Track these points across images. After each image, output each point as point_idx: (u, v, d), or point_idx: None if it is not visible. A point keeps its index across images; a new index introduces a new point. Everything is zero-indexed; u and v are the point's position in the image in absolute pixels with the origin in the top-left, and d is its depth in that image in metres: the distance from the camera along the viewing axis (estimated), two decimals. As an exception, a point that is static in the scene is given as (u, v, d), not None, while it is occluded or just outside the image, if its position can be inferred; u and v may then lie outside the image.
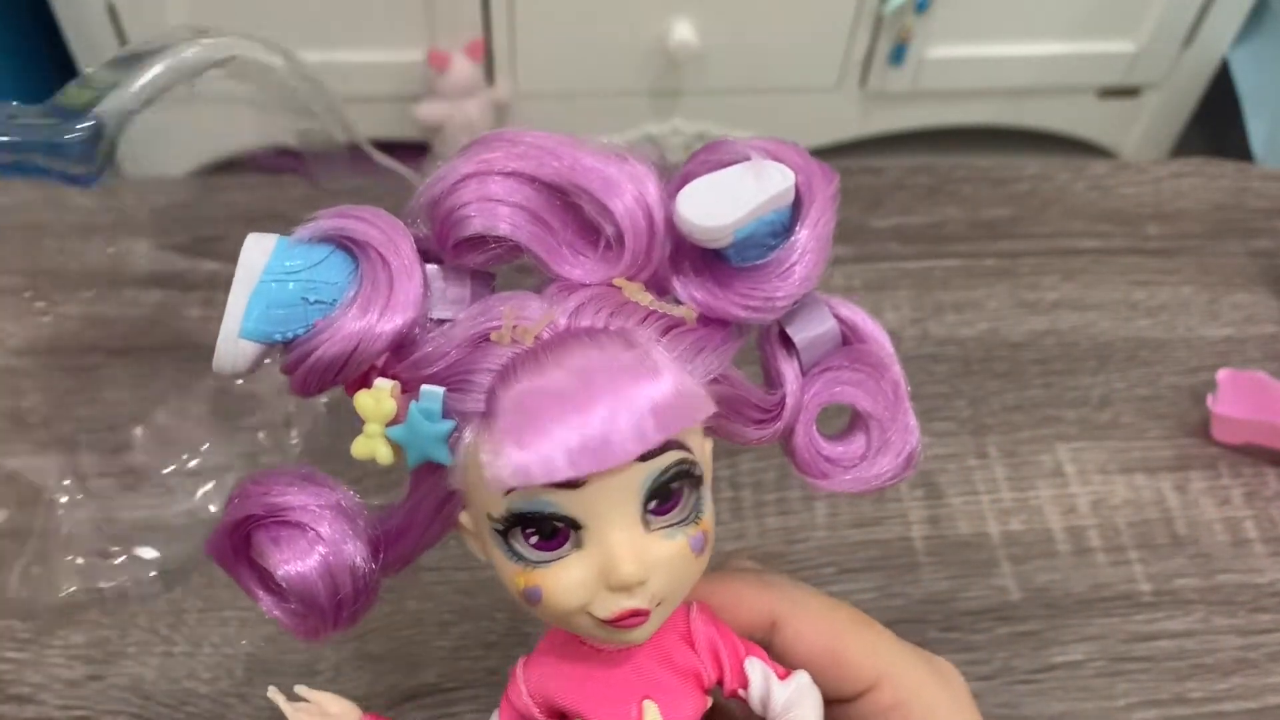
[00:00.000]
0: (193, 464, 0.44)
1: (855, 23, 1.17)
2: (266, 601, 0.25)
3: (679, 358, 0.22)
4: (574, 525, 0.21)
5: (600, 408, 0.20)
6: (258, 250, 0.22)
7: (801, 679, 0.25)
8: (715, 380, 0.23)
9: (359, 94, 1.19)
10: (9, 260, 0.50)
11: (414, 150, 1.24)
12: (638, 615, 0.22)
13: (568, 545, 0.22)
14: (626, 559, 0.21)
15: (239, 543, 0.25)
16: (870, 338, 0.25)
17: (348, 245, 0.23)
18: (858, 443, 0.25)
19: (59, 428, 0.45)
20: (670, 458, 0.22)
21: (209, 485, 0.44)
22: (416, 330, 0.23)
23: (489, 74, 1.19)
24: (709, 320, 0.23)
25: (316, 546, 0.23)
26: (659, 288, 0.23)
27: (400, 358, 0.23)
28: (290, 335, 0.23)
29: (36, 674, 0.39)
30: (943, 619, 0.41)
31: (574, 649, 0.24)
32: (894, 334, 0.51)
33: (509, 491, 0.21)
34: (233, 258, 0.56)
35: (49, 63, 1.22)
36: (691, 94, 1.22)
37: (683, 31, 1.15)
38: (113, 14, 1.10)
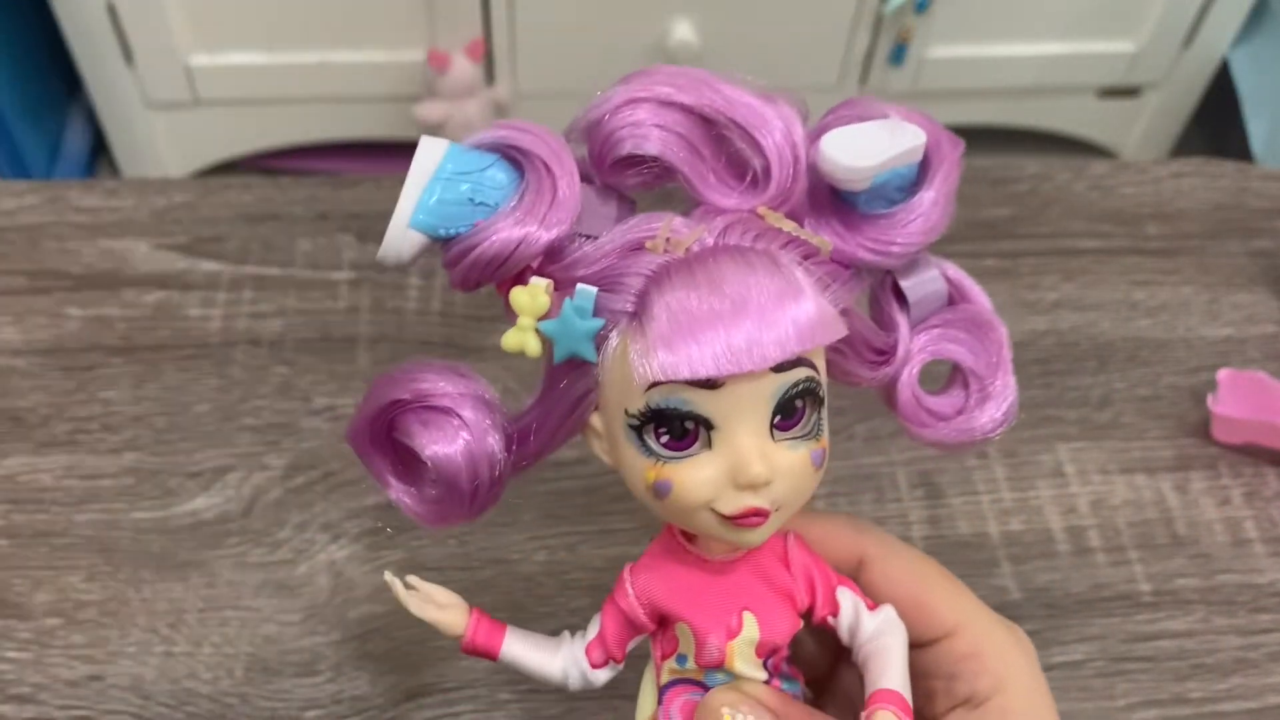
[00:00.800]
0: (193, 464, 0.44)
1: (855, 23, 1.17)
2: (396, 489, 0.27)
3: (816, 282, 0.24)
4: (708, 425, 0.23)
5: (747, 316, 0.22)
6: (432, 151, 0.24)
7: (889, 612, 0.26)
8: (842, 313, 0.24)
9: (359, 94, 1.19)
10: (10, 260, 0.50)
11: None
12: (759, 515, 0.23)
13: (697, 445, 0.23)
14: (755, 459, 0.23)
15: (380, 429, 0.26)
16: (975, 299, 0.27)
17: (514, 156, 0.24)
18: (957, 397, 0.27)
19: (59, 428, 0.45)
20: (801, 373, 0.23)
21: (209, 486, 0.44)
22: (568, 240, 0.24)
23: (489, 74, 1.19)
24: (836, 259, 0.25)
25: (461, 432, 0.25)
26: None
27: (553, 261, 0.24)
28: (453, 232, 0.24)
29: (37, 674, 0.39)
30: (943, 619, 0.41)
31: (680, 559, 0.26)
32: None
33: (651, 388, 0.22)
34: (232, 258, 0.56)
35: (50, 63, 1.22)
36: (691, 94, 1.22)
37: (683, 31, 1.15)
38: (113, 14, 1.10)
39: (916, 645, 0.27)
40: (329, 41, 1.15)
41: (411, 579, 0.28)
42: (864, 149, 0.24)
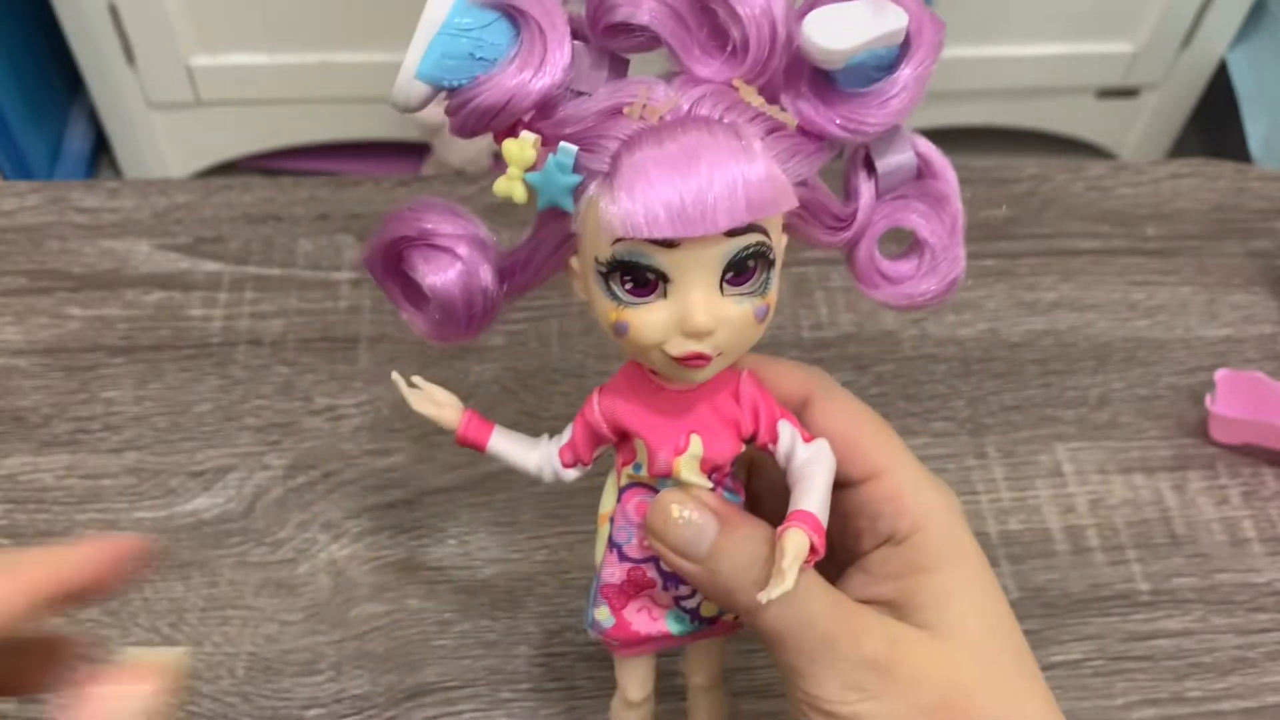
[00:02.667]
0: (194, 464, 0.44)
1: (854, 24, 1.17)
2: (408, 311, 0.30)
3: (776, 156, 0.26)
4: (664, 278, 0.25)
5: (703, 179, 0.24)
6: (439, 6, 0.26)
7: (823, 445, 0.29)
8: (802, 183, 0.27)
9: (360, 95, 1.19)
10: (11, 260, 0.50)
11: (414, 151, 1.24)
12: (701, 358, 0.26)
13: (655, 294, 0.26)
14: (701, 311, 0.25)
15: (391, 259, 0.29)
16: (940, 174, 0.28)
17: (513, 14, 0.26)
18: (910, 264, 0.29)
19: (59, 428, 0.45)
20: (752, 238, 0.25)
21: (210, 485, 0.44)
22: (560, 95, 0.26)
23: (489, 75, 1.19)
24: (807, 132, 0.27)
25: (456, 265, 0.28)
26: (770, 97, 0.27)
27: (543, 117, 0.26)
28: (456, 84, 0.26)
29: (38, 673, 0.39)
30: (942, 618, 0.41)
31: (642, 384, 0.29)
32: (893, 334, 0.52)
33: (616, 242, 0.25)
34: (233, 258, 0.56)
35: (51, 63, 1.22)
36: (691, 95, 1.22)
37: (682, 32, 1.15)
38: (114, 15, 1.10)
39: (846, 484, 0.29)
40: (330, 42, 1.15)
41: (416, 379, 0.31)
42: (843, 30, 0.25)
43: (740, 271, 0.26)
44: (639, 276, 0.25)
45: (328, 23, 1.14)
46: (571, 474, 0.31)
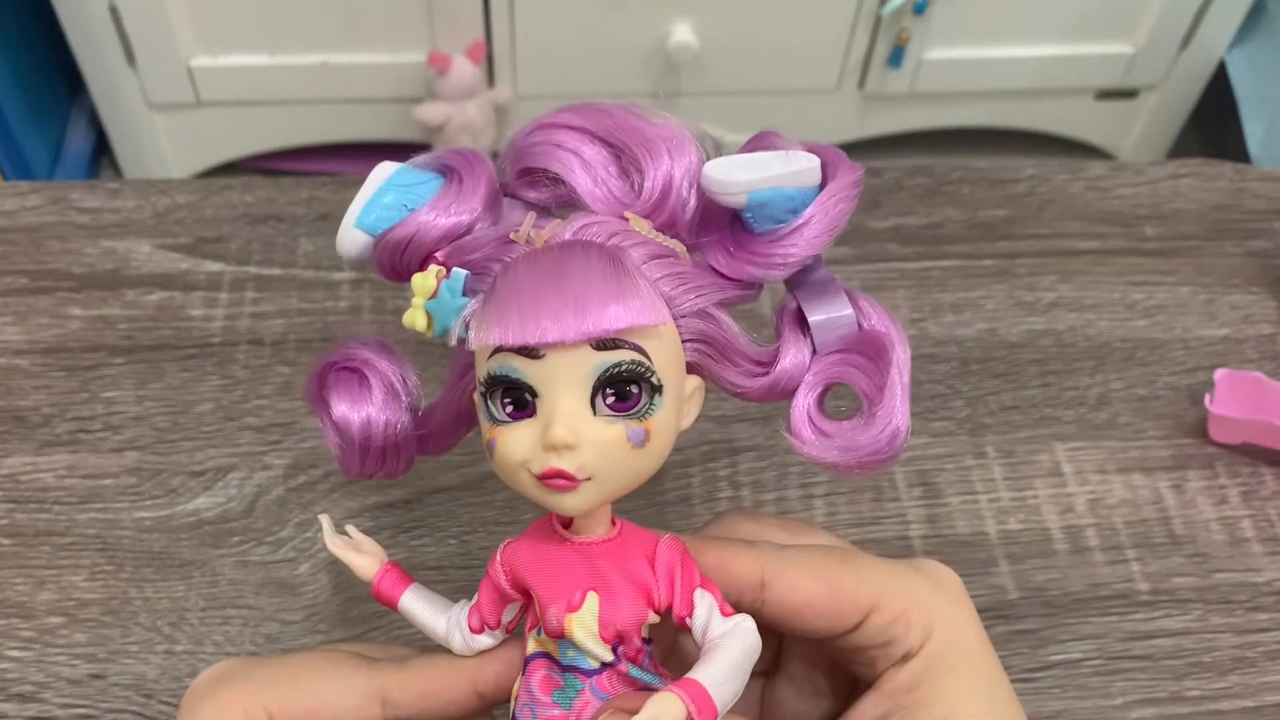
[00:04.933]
0: (195, 464, 0.45)
1: (854, 25, 1.17)
2: (330, 434, 0.30)
3: (660, 279, 0.26)
4: (532, 393, 0.25)
5: (560, 291, 0.24)
6: (383, 169, 0.28)
7: (744, 621, 0.27)
8: (701, 314, 0.27)
9: (361, 95, 1.20)
10: (12, 260, 0.50)
11: (414, 151, 1.24)
12: (564, 478, 0.25)
13: (529, 417, 0.25)
14: (559, 422, 0.25)
15: (320, 384, 0.30)
16: (881, 329, 0.27)
17: (445, 172, 0.28)
18: (851, 421, 0.27)
19: (60, 427, 0.45)
20: (623, 355, 0.25)
21: (211, 485, 0.44)
22: (472, 235, 0.27)
23: (490, 76, 1.19)
24: (717, 272, 0.27)
25: (365, 397, 0.29)
26: (689, 247, 0.28)
27: (453, 254, 0.28)
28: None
29: (39, 672, 0.39)
30: (941, 618, 0.41)
31: (547, 537, 0.28)
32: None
33: (490, 357, 0.25)
34: (234, 258, 0.57)
35: (52, 64, 1.22)
36: (691, 96, 1.22)
37: (682, 33, 1.15)
38: (115, 16, 1.10)
39: (848, 633, 0.28)
40: (330, 43, 1.16)
41: (348, 527, 0.31)
42: (746, 168, 0.26)
43: (621, 395, 0.25)
44: (517, 398, 0.25)
45: (328, 24, 1.14)
46: (483, 640, 0.29)
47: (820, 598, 0.28)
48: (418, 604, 0.29)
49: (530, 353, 0.24)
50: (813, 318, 0.27)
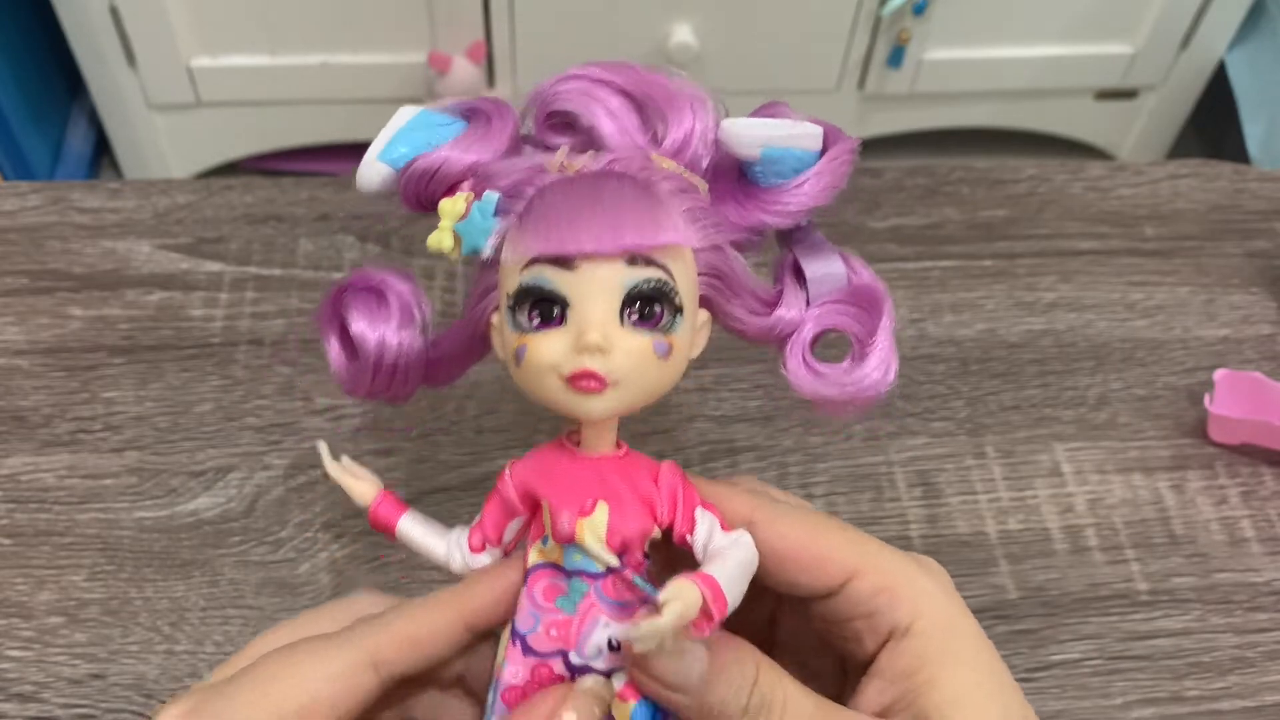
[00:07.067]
0: (195, 464, 0.45)
1: (854, 25, 1.17)
2: (334, 352, 0.31)
3: (686, 210, 0.27)
4: (563, 304, 0.26)
5: (596, 209, 0.26)
6: (406, 112, 0.29)
7: (743, 535, 0.27)
8: (716, 249, 0.28)
9: (361, 96, 1.20)
10: (13, 260, 0.51)
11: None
12: (594, 378, 0.26)
13: (558, 326, 0.26)
14: (593, 327, 0.26)
15: (335, 304, 0.31)
16: (870, 284, 0.30)
17: (470, 116, 0.29)
18: (844, 364, 0.29)
19: (60, 428, 0.45)
20: (652, 273, 0.26)
21: (211, 485, 0.44)
22: (502, 163, 0.28)
23: (490, 76, 1.19)
24: (740, 224, 0.29)
25: (383, 315, 0.30)
26: None
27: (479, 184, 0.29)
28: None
29: (39, 672, 0.39)
30: (941, 617, 0.41)
31: (557, 451, 0.29)
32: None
33: (522, 270, 0.26)
34: (234, 258, 0.57)
35: (52, 64, 1.22)
36: (691, 96, 1.22)
37: (682, 34, 1.15)
38: (115, 16, 1.10)
39: (828, 594, 0.28)
40: (330, 44, 1.16)
41: (344, 458, 0.31)
42: (759, 126, 0.28)
43: (645, 313, 0.26)
44: (545, 310, 0.26)
45: (328, 24, 1.14)
46: (482, 558, 0.29)
47: (804, 549, 0.28)
48: (416, 528, 0.30)
49: (565, 264, 0.26)
50: (810, 272, 0.30)
